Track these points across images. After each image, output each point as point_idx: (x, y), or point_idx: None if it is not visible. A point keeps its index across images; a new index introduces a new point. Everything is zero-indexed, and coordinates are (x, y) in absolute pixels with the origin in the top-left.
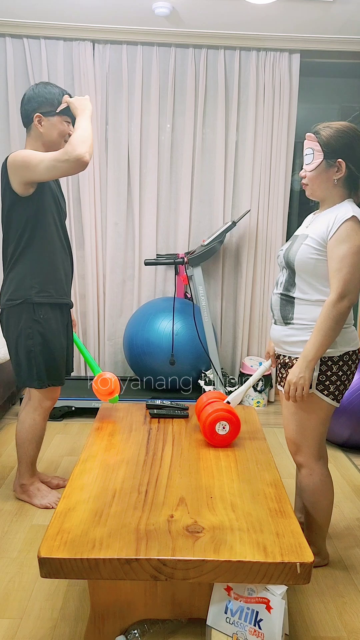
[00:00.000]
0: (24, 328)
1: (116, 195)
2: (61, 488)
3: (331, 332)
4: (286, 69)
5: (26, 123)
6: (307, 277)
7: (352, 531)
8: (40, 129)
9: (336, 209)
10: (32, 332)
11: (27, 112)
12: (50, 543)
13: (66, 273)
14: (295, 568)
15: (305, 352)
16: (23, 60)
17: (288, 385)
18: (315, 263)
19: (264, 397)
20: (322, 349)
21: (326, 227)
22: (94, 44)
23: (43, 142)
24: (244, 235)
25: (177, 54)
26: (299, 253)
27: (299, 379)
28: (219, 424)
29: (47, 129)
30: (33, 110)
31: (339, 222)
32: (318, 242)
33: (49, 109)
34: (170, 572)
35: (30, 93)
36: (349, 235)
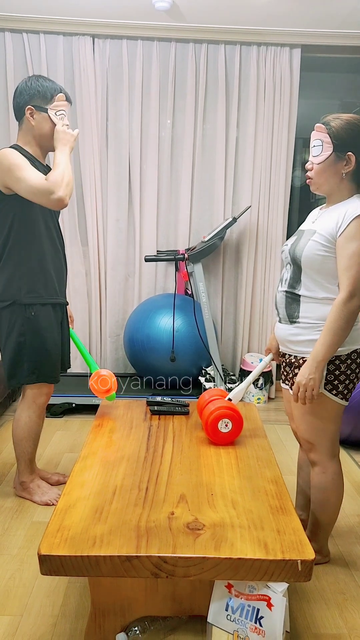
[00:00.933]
0: (16, 326)
1: (117, 191)
2: (61, 484)
3: (342, 332)
4: (287, 64)
5: (18, 116)
6: (313, 274)
7: (353, 528)
8: (32, 122)
9: (345, 205)
10: (24, 329)
11: (19, 104)
12: (50, 540)
13: (58, 272)
14: (296, 565)
15: (314, 353)
16: (23, 55)
17: (297, 387)
18: (322, 260)
19: (265, 393)
20: (332, 350)
21: (335, 223)
22: (94, 38)
23: (34, 135)
24: (245, 231)
25: (177, 49)
26: (306, 249)
27: (308, 381)
28: (221, 422)
29: (38, 122)
30: (25, 103)
31: (348, 218)
32: (326, 239)
33: (40, 102)
34: (170, 569)
35: (22, 86)
36: (359, 232)
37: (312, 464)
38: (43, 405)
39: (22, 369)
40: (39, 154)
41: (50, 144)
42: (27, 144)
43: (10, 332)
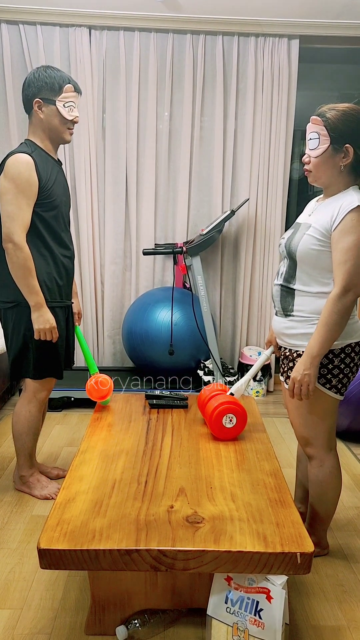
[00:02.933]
0: (21, 324)
1: (114, 184)
2: (61, 478)
3: (336, 327)
4: (285, 55)
5: (27, 109)
6: (308, 268)
7: (351, 521)
8: (40, 115)
9: (341, 198)
10: (29, 326)
11: (27, 97)
12: (50, 534)
13: (62, 275)
14: (295, 558)
15: (309, 349)
16: (19, 46)
17: (292, 382)
18: (317, 254)
19: (263, 386)
20: (327, 345)
21: (330, 217)
22: (91, 30)
23: (43, 129)
24: (243, 224)
25: (174, 40)
26: (301, 243)
27: (303, 377)
28: (225, 417)
29: (47, 115)
30: (33, 95)
31: (343, 212)
32: (321, 233)
33: (49, 94)
34: (170, 562)
35: (30, 77)
36: (354, 226)
37: (310, 458)
38: (44, 400)
39: (26, 364)
40: (50, 148)
41: (60, 137)
42: (38, 138)
43: (16, 329)
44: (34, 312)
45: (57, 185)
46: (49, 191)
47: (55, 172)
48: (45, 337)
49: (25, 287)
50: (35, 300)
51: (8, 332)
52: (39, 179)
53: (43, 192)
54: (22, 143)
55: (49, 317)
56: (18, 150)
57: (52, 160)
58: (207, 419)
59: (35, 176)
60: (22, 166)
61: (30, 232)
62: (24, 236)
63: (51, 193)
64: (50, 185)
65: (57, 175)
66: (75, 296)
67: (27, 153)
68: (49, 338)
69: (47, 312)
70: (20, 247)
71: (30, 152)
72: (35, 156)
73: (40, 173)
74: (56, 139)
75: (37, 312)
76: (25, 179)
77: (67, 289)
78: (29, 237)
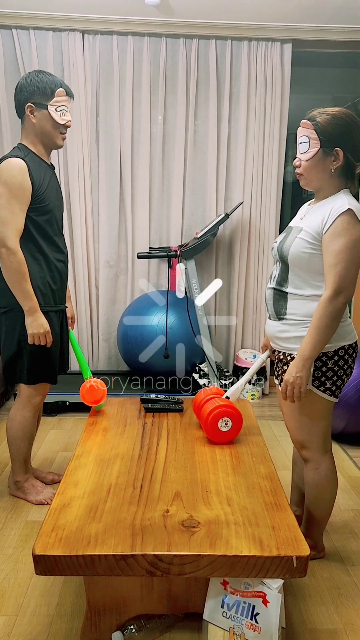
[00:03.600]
0: (15, 329)
1: (108, 188)
2: (56, 483)
3: (328, 329)
4: (278, 59)
5: (20, 114)
6: (300, 271)
7: (347, 523)
8: (32, 120)
9: (332, 201)
10: (23, 331)
11: (19, 102)
12: (45, 540)
13: (56, 279)
14: (291, 561)
15: (301, 351)
16: (12, 51)
17: (285, 385)
18: (309, 257)
19: (259, 389)
20: (319, 347)
21: (321, 220)
22: (84, 34)
23: (36, 133)
24: (237, 227)
25: (168, 44)
26: (292, 247)
27: (295, 379)
28: (221, 421)
29: (39, 119)
30: (25, 100)
31: (334, 215)
32: (312, 236)
33: (40, 98)
34: (166, 567)
35: (22, 82)
36: (344, 229)
37: (305, 461)
38: (38, 405)
39: (21, 369)
40: (43, 153)
41: (53, 141)
42: (31, 142)
43: (10, 333)
44: (27, 317)
45: (50, 190)
46: (42, 195)
47: (48, 177)
48: (39, 341)
49: (19, 292)
50: (29, 305)
51: (2, 337)
52: (32, 183)
53: (36, 196)
54: (14, 147)
55: (42, 322)
56: (11, 155)
57: (45, 164)
58: (202, 422)
59: (28, 180)
60: (15, 170)
61: (24, 237)
62: (17, 241)
63: (44, 197)
64: (43, 189)
65: (50, 180)
66: (68, 301)
67: (20, 157)
68: (43, 343)
69: (41, 316)
70: (14, 252)
71: (23, 157)
72: (28, 160)
73: (33, 177)
74: (49, 143)
75: (31, 316)
76: (18, 183)
77: (61, 293)
78: (22, 241)
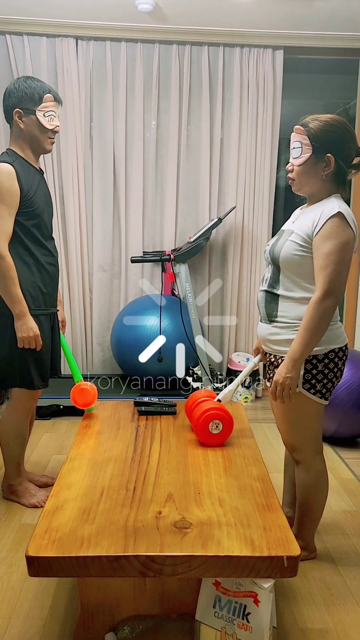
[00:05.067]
0: (5, 332)
1: (102, 193)
2: (49, 486)
3: (318, 331)
4: (270, 65)
5: (8, 119)
6: (291, 274)
7: (339, 524)
8: (21, 125)
9: (323, 205)
10: (13, 334)
11: (7, 107)
12: (38, 542)
13: (47, 283)
14: (282, 561)
15: (291, 352)
16: (6, 56)
17: (274, 385)
18: (300, 260)
19: (252, 392)
20: (308, 349)
21: (312, 223)
22: (77, 40)
23: (24, 139)
24: (230, 231)
25: (161, 50)
26: (283, 249)
27: (285, 379)
28: (212, 423)
29: (27, 125)
30: (13, 105)
31: (324, 218)
32: (303, 239)
33: (29, 104)
34: (158, 568)
35: (10, 88)
36: (334, 231)
37: (296, 463)
38: (31, 409)
39: (12, 374)
40: (32, 158)
41: (41, 146)
42: (19, 147)
43: (0, 337)
44: (17, 321)
45: (39, 194)
46: (31, 200)
47: (37, 181)
48: (28, 345)
49: (8, 296)
50: (19, 309)
51: None
52: (20, 188)
53: (24, 201)
54: (3, 153)
55: (32, 325)
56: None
57: (34, 169)
58: (193, 425)
59: (16, 185)
60: (3, 176)
61: (13, 241)
62: (6, 245)
63: (33, 202)
64: (31, 194)
65: (38, 184)
66: (59, 304)
67: (8, 162)
68: (33, 346)
69: (30, 320)
70: (3, 256)
71: (12, 162)
72: (17, 165)
73: (21, 182)
74: (37, 148)
75: (20, 320)
76: (6, 188)
77: (52, 296)
78: (12, 246)
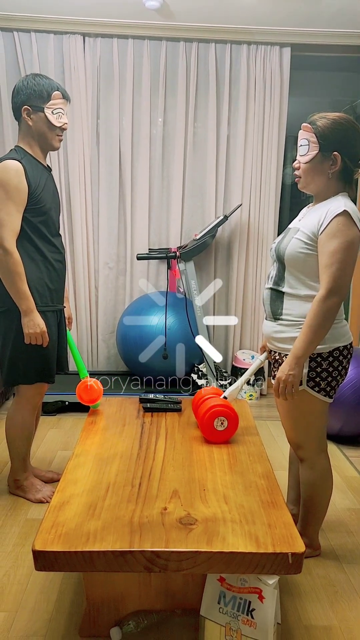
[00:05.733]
0: (13, 329)
1: (108, 189)
2: (55, 482)
3: (321, 329)
4: (277, 62)
5: (17, 116)
6: (296, 271)
7: (343, 522)
8: (29, 122)
9: (329, 203)
10: (20, 330)
11: (16, 104)
12: (44, 536)
13: (54, 279)
14: (287, 558)
15: (294, 349)
16: (14, 53)
17: (277, 382)
18: (305, 257)
19: (257, 390)
20: (312, 346)
21: (317, 221)
22: (85, 37)
23: (33, 136)
24: (236, 229)
25: (168, 47)
26: (289, 247)
27: (287, 377)
28: (217, 420)
29: (35, 122)
30: (21, 102)
31: (330, 216)
32: (308, 237)
33: (37, 101)
34: (163, 563)
35: (19, 85)
36: (340, 230)
37: (301, 460)
38: (36, 405)
39: (18, 370)
40: (40, 155)
41: (49, 143)
42: (27, 145)
43: (7, 334)
44: (24, 317)
45: (47, 191)
46: (38, 197)
47: (45, 178)
48: (35, 341)
49: (15, 293)
50: (26, 305)
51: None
52: (28, 185)
53: (32, 198)
54: (11, 150)
55: (39, 322)
56: (7, 157)
57: (42, 166)
58: (199, 421)
59: (24, 182)
60: (12, 173)
61: (21, 238)
62: (13, 242)
63: (40, 199)
64: (39, 191)
65: (46, 181)
66: (66, 301)
67: (16, 159)
68: (40, 342)
69: (37, 316)
70: (10, 253)
71: (20, 159)
72: (25, 162)
73: (29, 179)
74: (45, 145)
75: (27, 316)
76: (14, 185)
77: (59, 293)
78: (19, 242)
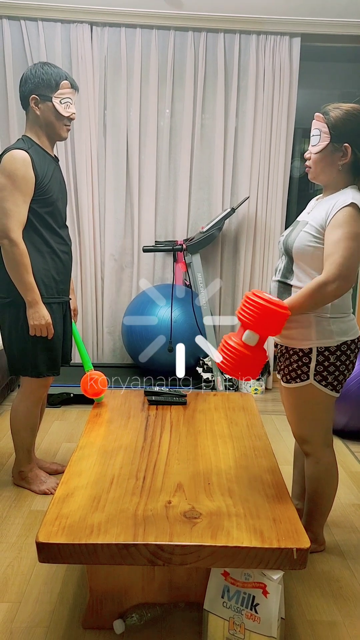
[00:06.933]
0: (18, 321)
1: (114, 181)
2: (59, 474)
3: (307, 307)
4: (286, 53)
5: (24, 105)
6: (304, 265)
7: (348, 517)
8: (37, 112)
9: (337, 196)
10: (25, 322)
11: (23, 93)
12: (48, 528)
13: (60, 271)
14: (291, 553)
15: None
16: (21, 42)
17: None
18: (313, 250)
19: (262, 384)
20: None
21: (325, 213)
22: (92, 26)
23: (40, 125)
24: (243, 222)
25: (176, 37)
26: (297, 240)
27: None
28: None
29: (43, 111)
30: (29, 92)
31: (337, 208)
32: (316, 229)
33: (45, 90)
34: (167, 557)
35: (27, 74)
36: (346, 221)
37: (306, 455)
38: (41, 396)
39: (23, 362)
40: (47, 145)
41: (57, 133)
42: (35, 134)
43: (13, 325)
44: (29, 308)
45: (54, 182)
46: (45, 187)
47: (52, 169)
48: (40, 333)
49: (21, 284)
50: (31, 297)
51: (5, 328)
52: (35, 175)
53: (39, 188)
54: (18, 139)
55: (44, 314)
56: (14, 147)
57: (49, 156)
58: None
59: (31, 172)
60: (19, 162)
61: (27, 228)
62: (20, 232)
63: (47, 189)
64: (46, 181)
65: (53, 172)
66: (72, 293)
67: (23, 149)
68: (45, 334)
69: (43, 308)
70: (16, 244)
71: (27, 149)
72: (32, 152)
73: (36, 169)
74: (52, 135)
75: (33, 308)
76: (21, 175)
77: (65, 284)
78: (25, 233)
